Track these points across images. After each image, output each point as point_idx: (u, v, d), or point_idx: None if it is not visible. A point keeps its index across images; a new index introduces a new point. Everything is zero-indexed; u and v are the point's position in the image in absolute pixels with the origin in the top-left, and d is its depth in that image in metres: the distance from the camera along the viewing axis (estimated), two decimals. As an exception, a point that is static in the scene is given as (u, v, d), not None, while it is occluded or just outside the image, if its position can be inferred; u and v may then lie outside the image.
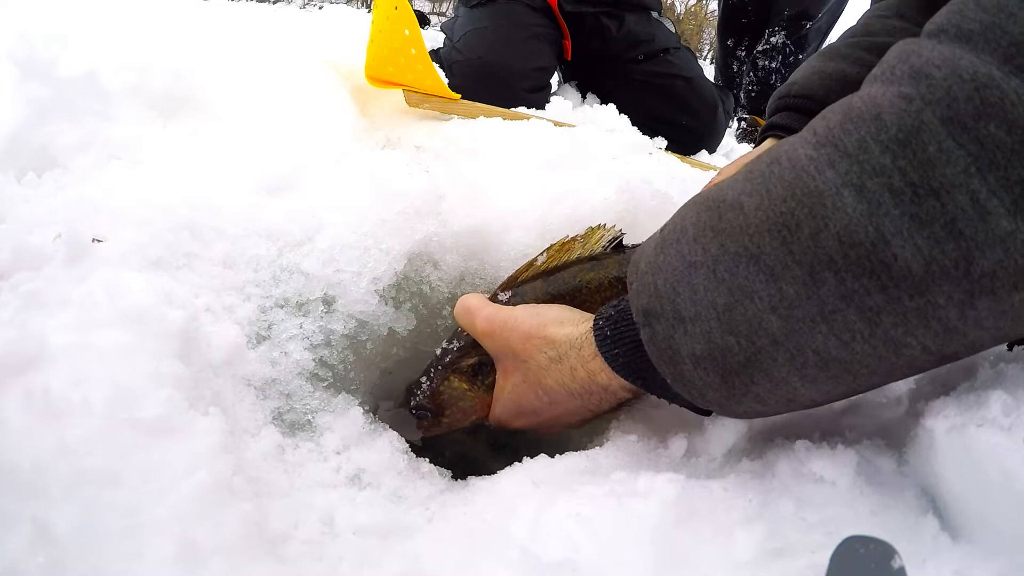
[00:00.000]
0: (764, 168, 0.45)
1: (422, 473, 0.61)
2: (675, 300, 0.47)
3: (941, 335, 0.39)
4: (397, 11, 1.06)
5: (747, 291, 0.43)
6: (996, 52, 0.37)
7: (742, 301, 0.43)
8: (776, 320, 0.42)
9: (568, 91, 1.95)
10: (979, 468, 0.40)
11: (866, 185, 0.39)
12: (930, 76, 0.38)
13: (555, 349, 0.59)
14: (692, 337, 0.46)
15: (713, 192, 0.48)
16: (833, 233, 0.40)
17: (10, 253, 0.54)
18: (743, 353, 0.44)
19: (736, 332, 0.44)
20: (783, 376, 0.44)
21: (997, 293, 0.37)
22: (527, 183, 0.85)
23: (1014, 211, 0.36)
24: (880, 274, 0.39)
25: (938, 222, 0.37)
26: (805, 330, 0.42)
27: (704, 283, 0.45)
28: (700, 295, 0.45)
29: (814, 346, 0.42)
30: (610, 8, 1.83)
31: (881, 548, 0.36)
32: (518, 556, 0.43)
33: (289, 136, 0.85)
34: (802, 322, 0.42)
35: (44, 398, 0.43)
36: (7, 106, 0.76)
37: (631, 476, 0.48)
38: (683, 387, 0.48)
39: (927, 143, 0.37)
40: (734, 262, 0.44)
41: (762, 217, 0.43)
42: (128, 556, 0.39)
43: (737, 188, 0.46)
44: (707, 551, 0.41)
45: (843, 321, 0.40)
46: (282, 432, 0.58)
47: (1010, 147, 0.35)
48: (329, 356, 0.65)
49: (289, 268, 0.67)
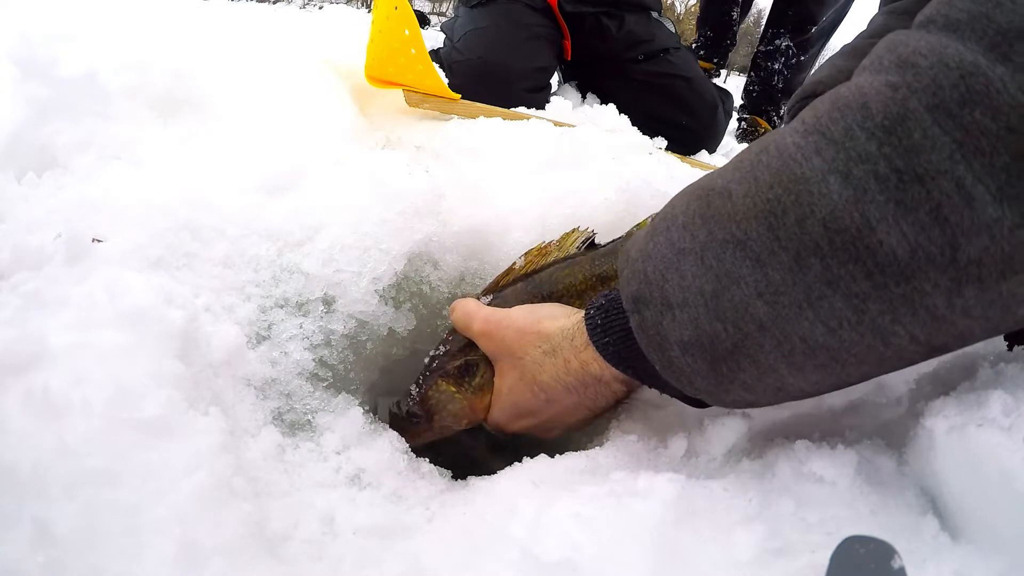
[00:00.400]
0: (753, 156, 0.45)
1: (422, 473, 0.61)
2: (664, 287, 0.47)
3: (929, 323, 0.39)
4: (397, 11, 1.06)
5: (734, 277, 0.43)
6: (982, 40, 0.37)
7: (729, 287, 0.43)
8: (762, 306, 0.42)
9: (568, 91, 1.95)
10: (979, 468, 0.40)
11: (852, 172, 0.39)
12: (916, 65, 0.38)
13: (549, 343, 0.59)
14: (680, 323, 0.46)
15: (703, 180, 0.49)
16: (819, 219, 0.40)
17: (10, 253, 0.54)
18: (730, 339, 0.44)
19: (723, 318, 0.44)
20: (770, 363, 0.44)
21: (984, 281, 0.37)
22: (527, 183, 0.85)
23: (1000, 198, 0.35)
24: (866, 260, 0.39)
25: (923, 208, 0.37)
26: (791, 316, 0.42)
27: (692, 269, 0.45)
28: (688, 281, 0.45)
29: (800, 332, 0.42)
30: (610, 8, 1.83)
31: (881, 548, 0.36)
32: (518, 556, 0.43)
33: (289, 136, 0.85)
34: (788, 308, 0.41)
35: (44, 398, 0.43)
36: (7, 106, 0.76)
37: (631, 476, 0.48)
38: (672, 374, 0.48)
39: (912, 130, 0.37)
40: (721, 248, 0.44)
41: (749, 204, 0.43)
42: (128, 556, 0.39)
43: (726, 176, 0.46)
44: (707, 551, 0.41)
45: (829, 307, 0.40)
46: (282, 432, 0.58)
47: (995, 134, 0.35)
48: (329, 356, 0.65)
49: (289, 268, 0.67)
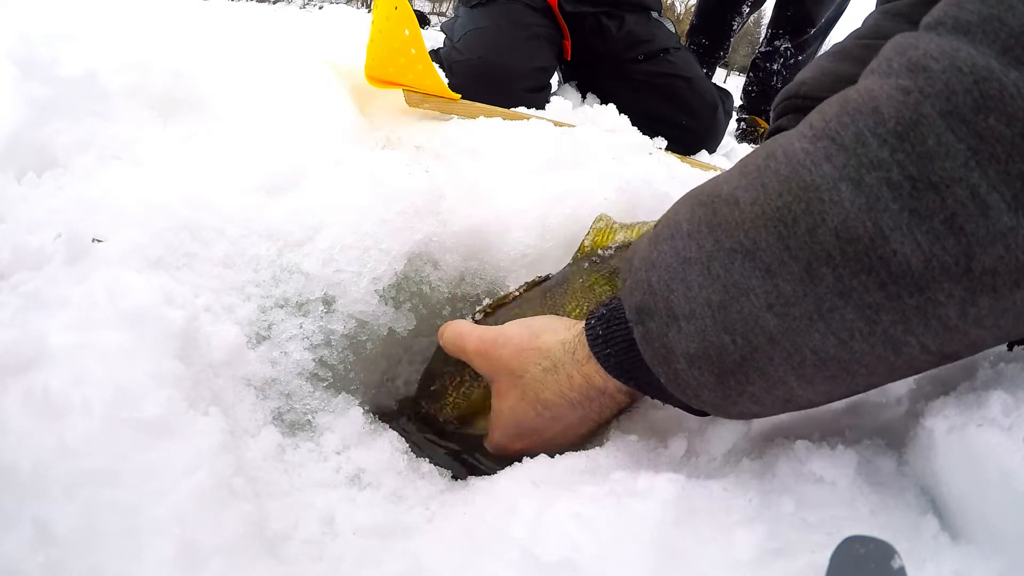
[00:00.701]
0: (760, 162, 0.44)
1: (422, 473, 0.61)
2: (669, 297, 0.45)
3: (941, 334, 0.38)
4: (397, 11, 1.06)
5: (742, 288, 0.42)
6: (995, 44, 0.36)
7: (737, 298, 0.42)
8: (772, 318, 0.41)
9: (568, 91, 1.95)
10: (979, 468, 0.40)
11: (864, 179, 0.38)
12: (928, 68, 0.37)
13: (549, 359, 0.57)
14: (686, 335, 0.45)
15: (708, 187, 0.47)
16: (830, 228, 0.39)
17: (10, 253, 0.54)
18: (738, 352, 0.43)
19: (731, 330, 0.43)
20: (780, 376, 0.43)
21: (998, 291, 0.36)
22: (527, 183, 0.85)
23: (1015, 206, 0.35)
24: (879, 270, 0.38)
25: (937, 217, 0.36)
26: (802, 328, 0.40)
27: (699, 280, 0.44)
28: (695, 292, 0.44)
29: (811, 345, 0.41)
30: (610, 8, 1.83)
31: (881, 548, 0.36)
32: (518, 556, 0.43)
33: (289, 136, 0.85)
34: (799, 320, 0.40)
35: (44, 398, 0.43)
36: (7, 106, 0.76)
37: (631, 476, 0.48)
38: (677, 387, 0.47)
39: (926, 136, 0.36)
40: (729, 258, 0.43)
41: (758, 212, 0.42)
42: (128, 556, 0.39)
43: (732, 183, 0.45)
44: (707, 551, 0.41)
45: (841, 319, 0.39)
46: (282, 432, 0.58)
47: (1010, 140, 0.35)
48: (329, 356, 0.65)
49: (289, 268, 0.67)
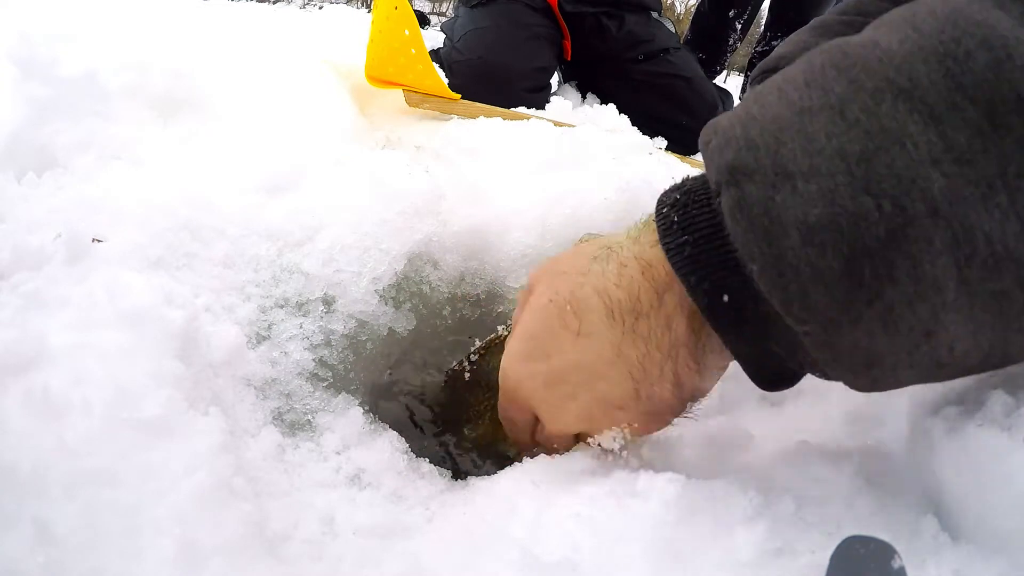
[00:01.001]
0: (894, 16, 0.35)
1: (422, 473, 0.61)
2: (779, 151, 0.34)
3: None
4: (397, 11, 1.06)
5: (895, 135, 0.32)
6: None
7: (888, 148, 0.32)
8: (939, 178, 0.31)
9: (568, 91, 1.95)
10: (979, 468, 0.40)
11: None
12: None
13: (605, 247, 0.45)
14: (805, 198, 0.33)
15: (826, 45, 0.37)
16: (1019, 65, 0.29)
17: (10, 253, 0.54)
18: (885, 222, 0.32)
19: (876, 191, 0.32)
20: (934, 277, 0.32)
21: None
22: (527, 183, 0.85)
23: None
24: None
25: None
26: (977, 199, 0.30)
27: (827, 127, 0.34)
28: (821, 143, 0.33)
29: (987, 228, 0.30)
30: (610, 8, 1.83)
31: (881, 548, 0.36)
32: (518, 556, 0.43)
33: (289, 136, 0.85)
34: (975, 186, 0.30)
35: (44, 398, 0.43)
36: (7, 106, 0.76)
37: (631, 476, 0.47)
38: (778, 282, 0.35)
39: None
40: (874, 99, 0.33)
41: (911, 48, 0.32)
42: (128, 556, 0.39)
43: (857, 38, 0.35)
44: (707, 551, 0.41)
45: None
46: (282, 432, 0.58)
47: None
48: (329, 356, 0.65)
49: (289, 268, 0.67)
